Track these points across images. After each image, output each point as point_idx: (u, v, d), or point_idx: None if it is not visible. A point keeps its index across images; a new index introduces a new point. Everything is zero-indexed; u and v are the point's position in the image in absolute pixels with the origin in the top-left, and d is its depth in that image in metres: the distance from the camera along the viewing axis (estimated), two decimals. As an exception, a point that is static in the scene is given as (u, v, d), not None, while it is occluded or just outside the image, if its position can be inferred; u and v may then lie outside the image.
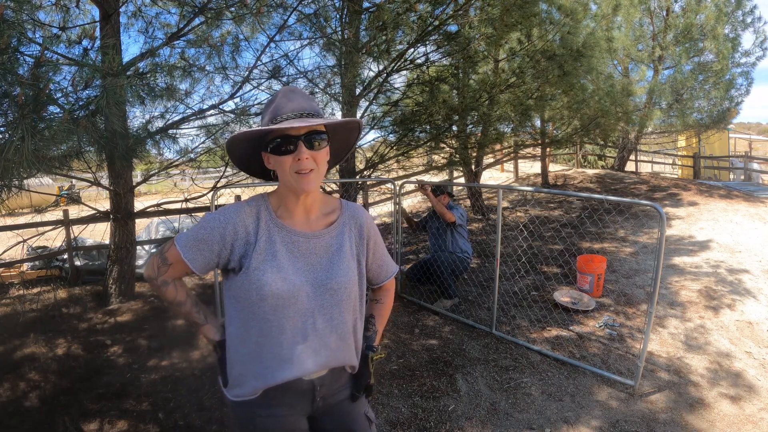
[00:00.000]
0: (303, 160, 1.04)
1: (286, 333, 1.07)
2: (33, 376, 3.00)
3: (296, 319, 1.08)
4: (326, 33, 4.08)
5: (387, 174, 6.57)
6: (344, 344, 1.15)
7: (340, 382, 1.21)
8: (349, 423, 1.22)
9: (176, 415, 2.60)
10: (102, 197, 7.59)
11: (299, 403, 1.16)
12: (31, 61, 2.02)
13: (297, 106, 1.06)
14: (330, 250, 1.14)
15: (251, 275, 1.06)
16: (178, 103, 3.92)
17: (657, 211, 2.67)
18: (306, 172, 1.04)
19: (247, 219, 1.09)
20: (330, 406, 1.20)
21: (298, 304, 1.08)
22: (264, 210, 1.12)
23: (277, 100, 1.07)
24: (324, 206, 1.19)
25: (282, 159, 1.05)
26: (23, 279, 4.97)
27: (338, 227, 1.18)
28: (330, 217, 1.19)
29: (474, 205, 8.62)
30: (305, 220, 1.15)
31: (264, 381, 1.08)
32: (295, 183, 1.06)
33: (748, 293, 4.32)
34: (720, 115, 11.85)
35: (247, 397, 1.12)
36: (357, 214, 1.22)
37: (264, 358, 1.08)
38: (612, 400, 2.74)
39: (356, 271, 1.18)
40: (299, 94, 1.09)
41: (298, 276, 1.09)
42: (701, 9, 10.74)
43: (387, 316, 1.39)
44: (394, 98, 5.44)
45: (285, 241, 1.10)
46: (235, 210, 1.09)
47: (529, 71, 6.04)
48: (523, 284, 4.71)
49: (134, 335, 3.65)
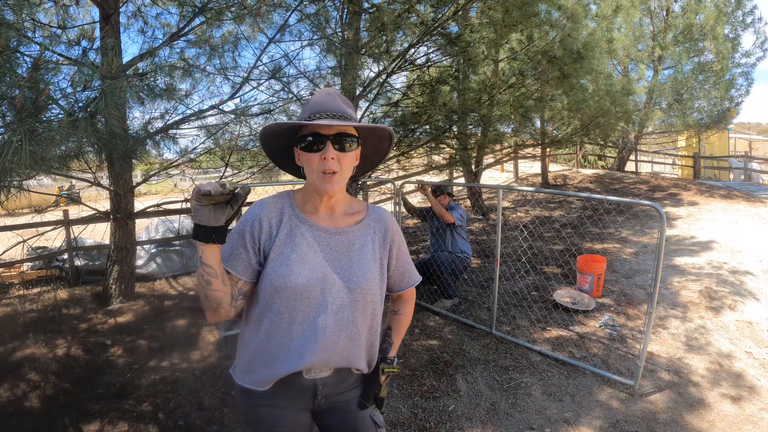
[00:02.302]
0: (329, 160, 1.05)
1: (295, 325, 1.08)
2: (33, 377, 3.00)
3: (307, 313, 1.08)
4: (326, 34, 4.08)
5: (387, 174, 6.58)
6: (352, 345, 1.12)
7: (346, 383, 1.19)
8: (352, 423, 1.21)
9: (176, 415, 2.60)
10: (102, 197, 7.58)
11: (301, 399, 1.16)
12: (30, 61, 2.01)
13: (332, 107, 1.08)
14: (352, 248, 1.14)
15: (270, 266, 1.08)
16: (178, 104, 3.92)
17: (657, 211, 2.67)
18: (330, 173, 1.06)
19: (270, 213, 1.11)
20: (335, 404, 1.20)
21: (312, 299, 1.08)
22: (288, 205, 1.14)
23: (314, 98, 1.11)
24: (349, 206, 1.20)
25: (310, 156, 1.07)
26: (23, 279, 4.97)
27: (363, 227, 1.18)
28: (355, 216, 1.19)
29: (474, 205, 8.62)
30: (329, 216, 1.16)
31: (272, 371, 1.09)
32: (319, 183, 1.08)
33: (748, 293, 4.32)
34: (720, 115, 11.86)
35: (255, 387, 1.13)
36: (383, 218, 1.22)
37: (273, 347, 1.09)
38: (612, 400, 2.74)
39: (377, 274, 1.16)
40: (336, 96, 1.11)
41: (315, 270, 1.09)
42: (701, 9, 10.75)
43: (405, 330, 1.35)
44: (395, 99, 5.44)
45: (306, 235, 1.12)
46: (259, 205, 1.12)
47: (529, 72, 6.04)
48: (523, 284, 4.71)
49: (134, 335, 3.64)
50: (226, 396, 2.78)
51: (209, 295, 1.04)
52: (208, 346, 3.46)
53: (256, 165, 5.16)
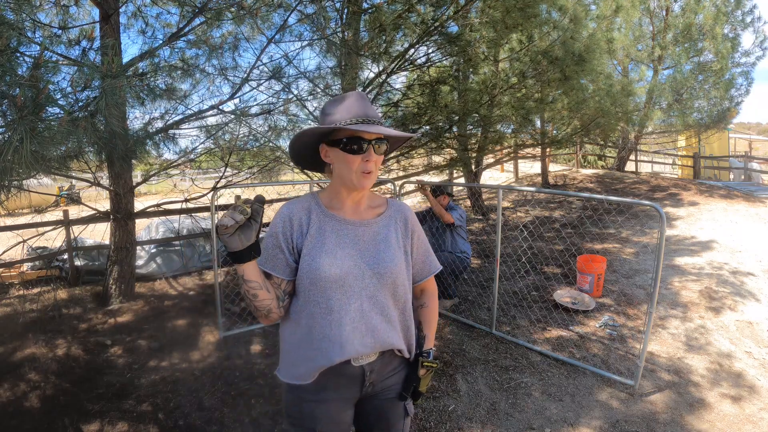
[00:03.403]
0: (371, 162, 1.15)
1: (333, 314, 1.14)
2: (33, 377, 3.00)
3: (343, 301, 1.15)
4: (326, 34, 4.08)
5: (387, 174, 6.58)
6: (390, 326, 1.20)
7: (390, 367, 1.25)
8: (386, 409, 1.27)
9: (176, 415, 2.60)
10: (102, 197, 7.58)
11: (349, 389, 1.20)
12: (31, 61, 2.02)
13: (371, 114, 1.16)
14: (377, 238, 1.23)
15: (304, 261, 1.16)
16: (178, 104, 3.92)
17: (657, 211, 2.67)
18: (368, 172, 1.16)
19: (300, 212, 1.20)
20: (377, 391, 1.25)
21: (346, 287, 1.15)
22: (315, 204, 1.22)
23: (350, 101, 1.17)
24: (371, 200, 1.30)
25: (352, 158, 1.15)
26: (23, 279, 4.97)
27: (385, 219, 1.27)
28: (378, 209, 1.29)
29: (474, 205, 8.63)
30: (355, 210, 1.25)
31: (314, 363, 1.14)
32: (357, 181, 1.16)
33: (748, 293, 4.32)
34: (720, 115, 11.85)
35: (300, 381, 1.17)
36: (402, 209, 1.33)
37: (314, 339, 1.15)
38: (612, 400, 2.74)
39: (402, 260, 1.25)
40: (369, 102, 1.20)
41: (345, 260, 1.16)
42: (700, 9, 10.74)
43: (435, 321, 1.41)
44: (395, 99, 5.44)
45: (335, 228, 1.20)
46: (288, 207, 1.21)
47: (529, 73, 6.03)
48: (523, 284, 4.71)
49: (134, 336, 3.64)
50: (226, 396, 2.78)
51: (258, 306, 1.13)
52: (208, 346, 3.46)
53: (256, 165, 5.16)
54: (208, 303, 4.21)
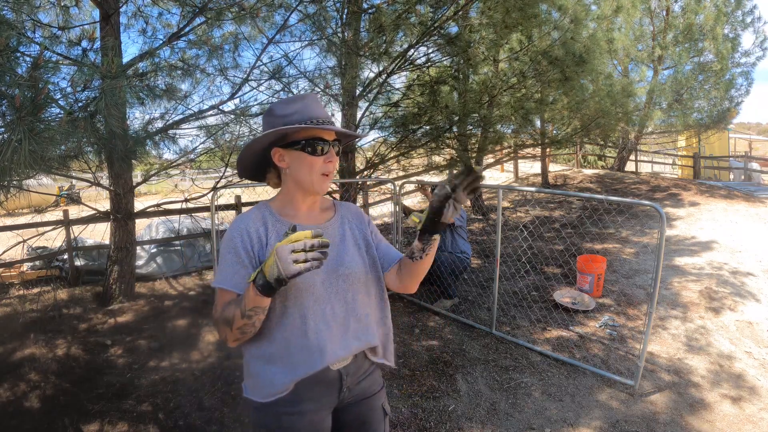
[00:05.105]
0: (332, 163, 1.15)
1: (308, 322, 1.12)
2: (33, 377, 3.00)
3: (315, 308, 1.13)
4: (326, 34, 4.08)
5: (387, 174, 6.57)
6: (362, 326, 1.20)
7: (362, 369, 1.25)
8: (366, 413, 1.26)
9: (176, 415, 2.60)
10: (102, 197, 7.58)
11: (327, 396, 1.19)
12: (30, 60, 2.01)
13: (325, 115, 1.15)
14: (335, 240, 1.22)
15: None
16: (178, 104, 3.92)
17: (657, 211, 2.67)
18: (327, 174, 1.15)
19: (256, 223, 1.15)
20: (353, 396, 1.24)
21: (315, 293, 1.14)
22: (268, 213, 1.19)
23: (307, 102, 1.14)
24: (322, 204, 1.30)
25: (313, 159, 1.13)
26: (23, 279, 4.97)
27: (338, 220, 1.27)
28: (327, 213, 1.28)
29: (474, 205, 8.62)
30: (309, 215, 1.23)
31: (294, 374, 1.12)
32: (317, 184, 1.15)
33: (748, 294, 4.32)
34: (720, 115, 11.85)
35: (277, 396, 1.13)
36: (351, 209, 1.34)
37: (292, 352, 1.12)
38: (612, 400, 2.74)
39: (366, 257, 1.25)
40: (322, 104, 1.19)
41: None
42: (701, 9, 10.74)
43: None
44: (394, 99, 5.44)
45: None
46: (241, 220, 1.16)
47: (529, 73, 6.03)
48: (523, 284, 4.70)
49: (134, 336, 3.64)
50: (226, 396, 2.78)
51: (249, 331, 1.08)
52: (208, 346, 3.46)
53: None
54: (208, 303, 4.21)
